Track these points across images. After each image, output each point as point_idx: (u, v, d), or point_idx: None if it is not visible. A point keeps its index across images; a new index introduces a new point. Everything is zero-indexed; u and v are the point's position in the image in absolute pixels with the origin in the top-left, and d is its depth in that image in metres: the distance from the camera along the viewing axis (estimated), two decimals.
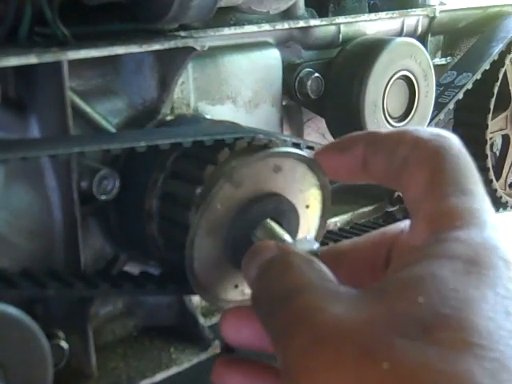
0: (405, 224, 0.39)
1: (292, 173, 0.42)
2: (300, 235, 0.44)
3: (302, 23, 1.14)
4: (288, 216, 0.42)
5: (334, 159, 0.40)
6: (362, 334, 0.28)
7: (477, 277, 0.29)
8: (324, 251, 0.41)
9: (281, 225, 0.41)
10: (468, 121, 1.48)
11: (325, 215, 0.45)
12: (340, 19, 1.20)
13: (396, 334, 0.27)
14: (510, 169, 1.59)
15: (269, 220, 0.41)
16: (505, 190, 1.58)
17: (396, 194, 1.35)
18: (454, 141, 0.36)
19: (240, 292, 0.44)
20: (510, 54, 1.44)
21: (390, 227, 0.40)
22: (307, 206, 0.44)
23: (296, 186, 0.42)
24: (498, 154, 1.63)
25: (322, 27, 1.19)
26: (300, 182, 0.42)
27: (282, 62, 1.15)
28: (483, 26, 1.49)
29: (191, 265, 0.42)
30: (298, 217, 0.43)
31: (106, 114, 0.94)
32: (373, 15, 1.25)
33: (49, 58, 0.78)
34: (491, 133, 1.48)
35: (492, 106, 1.44)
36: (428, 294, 0.29)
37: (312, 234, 0.45)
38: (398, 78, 1.20)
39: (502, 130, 1.54)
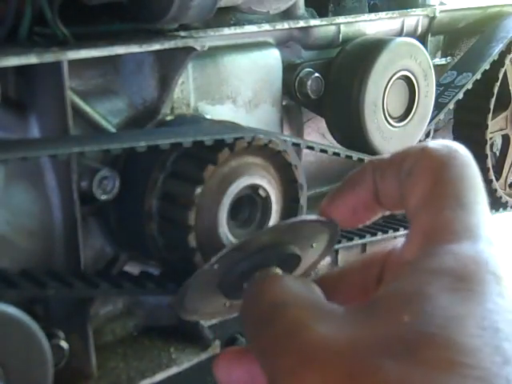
0: (395, 242, 0.39)
1: (303, 230, 0.41)
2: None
3: (302, 23, 1.14)
4: (289, 260, 0.41)
5: (348, 200, 0.39)
6: (348, 356, 0.28)
7: (464, 293, 0.29)
8: (316, 279, 0.41)
9: (281, 268, 0.41)
10: (468, 121, 1.48)
11: (325, 253, 0.44)
12: (340, 19, 1.20)
13: (381, 355, 0.27)
14: (510, 169, 1.59)
15: (270, 267, 0.40)
16: (505, 189, 1.58)
17: None
18: (460, 151, 0.35)
19: (227, 308, 0.44)
20: (510, 53, 1.44)
21: (380, 247, 0.40)
22: (312, 246, 0.43)
23: (305, 238, 0.42)
24: (497, 153, 1.63)
25: (322, 27, 1.18)
26: (310, 235, 0.42)
27: (282, 62, 1.15)
28: (483, 26, 1.49)
29: (182, 300, 0.41)
30: (300, 260, 0.42)
31: (106, 113, 0.94)
32: (373, 15, 1.25)
33: (49, 58, 0.78)
34: (491, 133, 1.48)
35: (492, 106, 1.44)
36: (414, 313, 0.28)
37: (307, 264, 0.45)
38: (398, 78, 1.20)
39: (502, 130, 1.54)
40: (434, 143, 0.36)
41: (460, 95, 1.36)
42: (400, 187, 0.36)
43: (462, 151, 0.35)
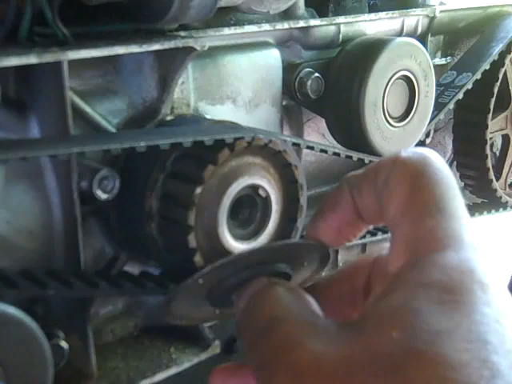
0: (379, 250, 0.39)
1: (292, 251, 0.41)
2: None
3: (301, 23, 1.14)
4: (279, 278, 0.41)
5: (330, 221, 0.39)
6: (339, 375, 0.28)
7: (451, 306, 0.29)
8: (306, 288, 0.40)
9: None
10: (468, 121, 1.48)
11: (318, 270, 0.44)
12: (340, 19, 1.20)
13: (372, 373, 0.27)
14: (510, 169, 1.59)
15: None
16: (505, 189, 1.58)
17: None
18: (433, 157, 0.35)
19: (217, 315, 0.43)
20: (510, 53, 1.44)
21: (365, 255, 0.40)
22: (303, 264, 0.42)
23: (295, 258, 0.41)
24: (497, 153, 1.62)
25: (322, 27, 1.18)
26: (300, 255, 0.41)
27: (282, 62, 1.15)
28: (483, 26, 1.49)
29: (168, 309, 0.41)
30: (290, 278, 0.41)
31: (106, 114, 0.94)
32: (373, 15, 1.25)
33: (49, 58, 0.78)
34: (491, 133, 1.48)
35: (492, 106, 1.44)
36: (402, 329, 0.28)
37: (299, 280, 0.44)
38: (398, 78, 1.20)
39: (502, 129, 1.54)
40: (406, 152, 0.36)
41: (460, 95, 1.36)
42: (378, 199, 0.36)
43: (434, 157, 0.35)
